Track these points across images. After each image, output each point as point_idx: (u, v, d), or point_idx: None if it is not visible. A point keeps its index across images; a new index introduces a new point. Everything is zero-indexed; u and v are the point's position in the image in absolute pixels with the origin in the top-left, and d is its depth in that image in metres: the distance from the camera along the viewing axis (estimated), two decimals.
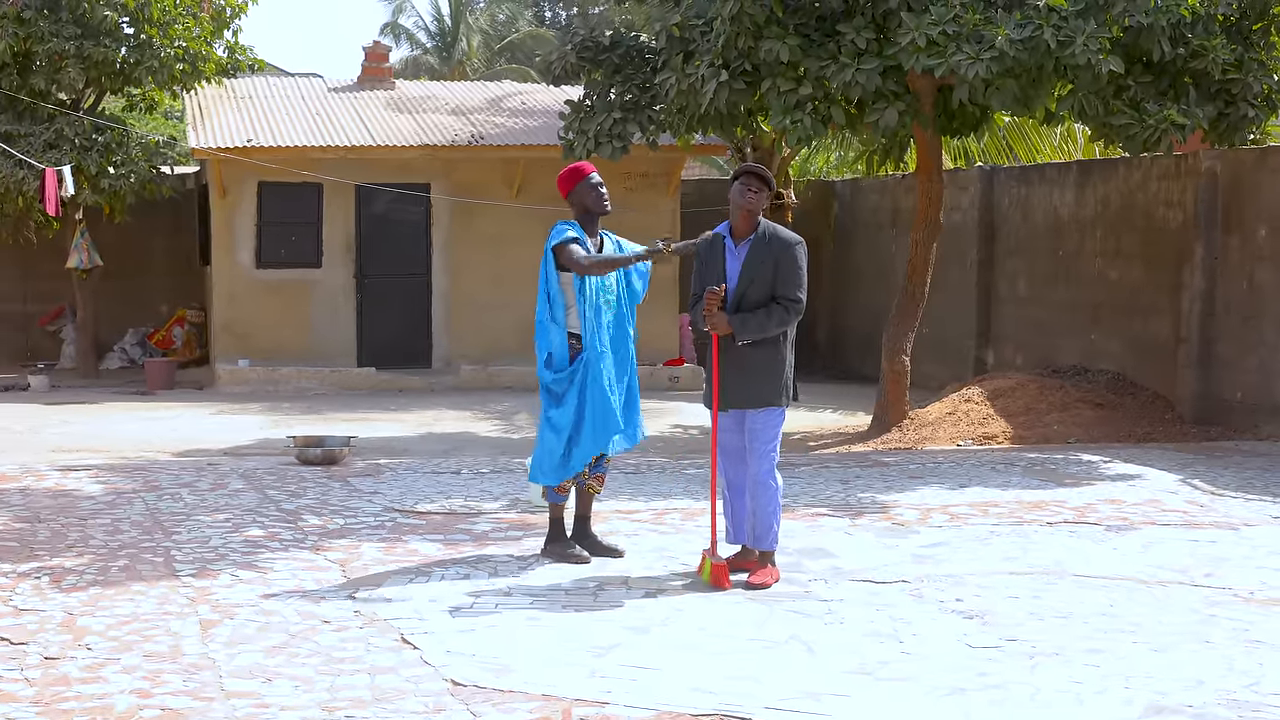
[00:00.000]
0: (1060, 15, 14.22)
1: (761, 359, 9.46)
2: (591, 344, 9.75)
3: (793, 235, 9.60)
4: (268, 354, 23.76)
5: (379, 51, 28.27)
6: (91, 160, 23.31)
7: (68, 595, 9.08)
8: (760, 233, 9.52)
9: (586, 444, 9.80)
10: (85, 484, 13.06)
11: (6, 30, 23.10)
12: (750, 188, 9.50)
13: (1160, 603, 9.10)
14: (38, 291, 26.70)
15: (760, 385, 9.47)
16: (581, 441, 9.79)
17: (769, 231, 9.53)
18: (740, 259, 9.48)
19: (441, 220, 24.40)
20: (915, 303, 17.39)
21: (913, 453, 15.73)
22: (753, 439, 9.53)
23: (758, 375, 9.46)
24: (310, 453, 14.44)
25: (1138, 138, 14.88)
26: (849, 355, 26.24)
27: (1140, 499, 12.61)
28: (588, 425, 9.77)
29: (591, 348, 9.75)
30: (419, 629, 8.36)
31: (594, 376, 9.75)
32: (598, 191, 9.95)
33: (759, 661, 7.81)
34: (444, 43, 56.98)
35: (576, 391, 9.77)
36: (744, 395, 9.50)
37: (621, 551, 10.16)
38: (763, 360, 9.46)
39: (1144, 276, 18.47)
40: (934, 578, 9.71)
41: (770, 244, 9.48)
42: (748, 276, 9.43)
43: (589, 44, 17.65)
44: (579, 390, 9.77)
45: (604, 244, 9.99)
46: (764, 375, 9.47)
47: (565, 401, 9.80)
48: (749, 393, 9.49)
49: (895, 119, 15.24)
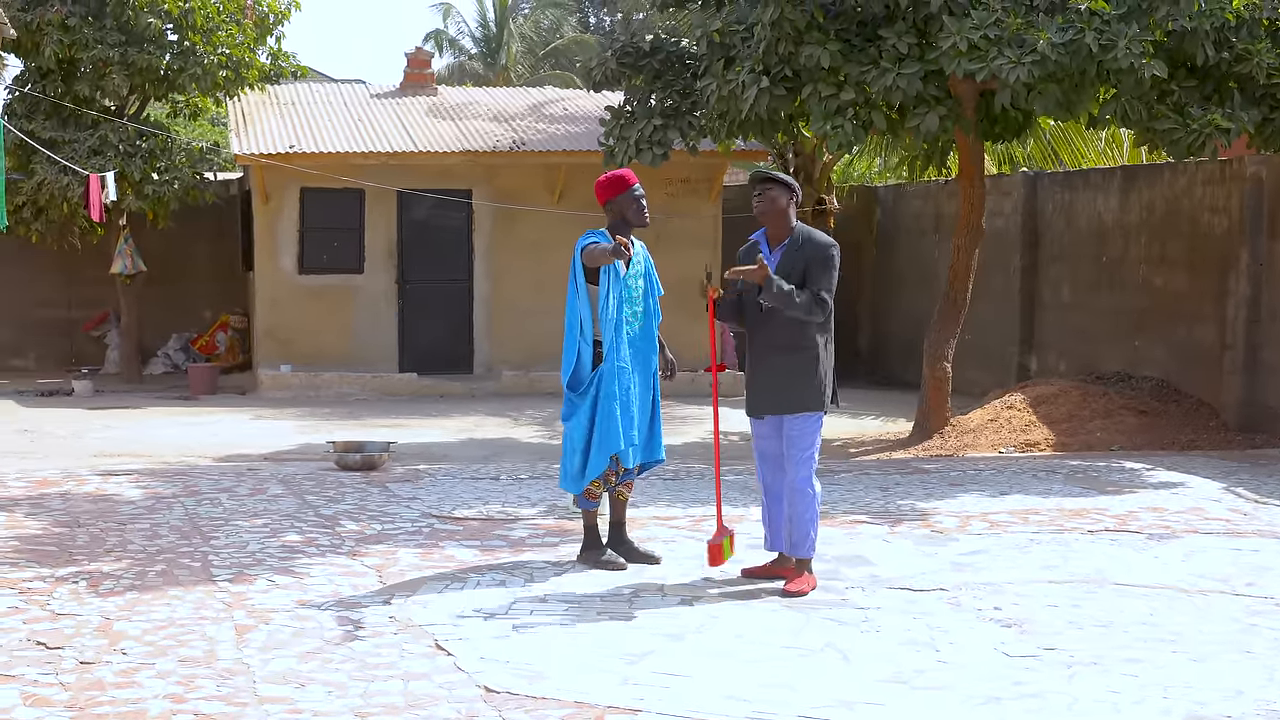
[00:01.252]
0: (1102, 19, 14.13)
1: (797, 363, 9.41)
2: (610, 356, 9.72)
3: (826, 239, 9.55)
4: (310, 359, 23.81)
5: (421, 58, 28.32)
6: (135, 166, 23.42)
7: (104, 600, 9.09)
8: (794, 236, 9.47)
9: (595, 455, 9.77)
10: (125, 488, 13.09)
11: (52, 37, 23.24)
12: (756, 194, 9.51)
13: (1201, 612, 9.03)
14: (82, 297, 26.83)
15: (796, 389, 9.42)
16: (593, 452, 9.78)
17: (803, 235, 9.48)
18: (774, 263, 9.43)
19: (483, 226, 24.42)
20: (957, 309, 17.32)
21: (954, 460, 15.65)
22: (790, 445, 9.48)
23: (793, 379, 9.41)
24: (350, 458, 14.44)
25: (1182, 142, 14.77)
26: (891, 361, 26.15)
27: (1183, 507, 12.52)
28: (596, 436, 9.75)
29: (609, 360, 9.71)
30: (453, 635, 8.33)
31: (607, 391, 9.71)
32: (639, 203, 9.84)
33: (794, 669, 7.77)
34: (488, 49, 57.08)
35: (590, 403, 9.75)
36: (779, 400, 9.45)
37: (658, 558, 10.12)
38: (799, 364, 9.41)
39: (1189, 283, 18.35)
40: (972, 586, 9.65)
41: (803, 247, 9.43)
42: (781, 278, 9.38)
43: (629, 50, 17.63)
44: (592, 401, 9.75)
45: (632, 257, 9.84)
46: (800, 379, 9.41)
47: (580, 412, 9.80)
48: (784, 397, 9.44)
49: (936, 124, 15.18)
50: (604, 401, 9.70)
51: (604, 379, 9.72)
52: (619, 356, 9.72)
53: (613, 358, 9.71)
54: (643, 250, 9.99)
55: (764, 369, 9.49)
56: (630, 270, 9.80)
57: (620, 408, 9.70)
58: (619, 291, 9.74)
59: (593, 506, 10.00)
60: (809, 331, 9.42)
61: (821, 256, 9.42)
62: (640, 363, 9.91)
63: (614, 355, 9.71)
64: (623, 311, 9.75)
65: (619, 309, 9.72)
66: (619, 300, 9.73)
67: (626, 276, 9.77)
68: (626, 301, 9.77)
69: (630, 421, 9.77)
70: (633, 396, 9.78)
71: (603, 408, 9.70)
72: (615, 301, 9.71)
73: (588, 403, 9.75)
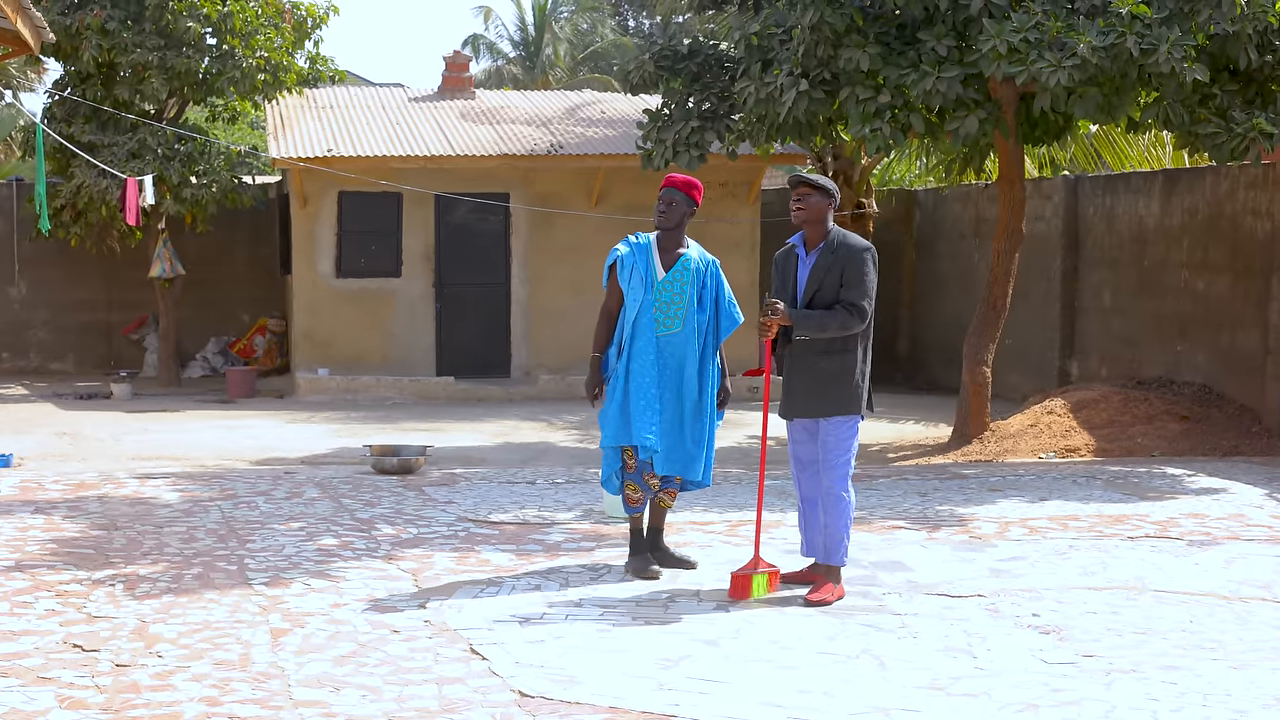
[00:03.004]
0: (1144, 23, 14.04)
1: (832, 367, 9.34)
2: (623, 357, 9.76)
3: (862, 242, 9.47)
4: (347, 363, 23.85)
5: (459, 61, 28.34)
6: (173, 170, 23.46)
7: (141, 603, 9.08)
8: (829, 240, 9.41)
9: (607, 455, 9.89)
10: (163, 492, 13.09)
11: (91, 41, 23.30)
12: (795, 199, 9.44)
13: (1241, 619, 8.95)
14: (121, 300, 26.90)
15: (831, 393, 9.34)
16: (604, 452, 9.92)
17: (838, 239, 9.41)
18: (809, 266, 9.39)
19: (520, 230, 24.42)
20: (997, 313, 17.23)
21: (993, 465, 15.57)
22: (825, 450, 9.41)
23: (828, 383, 9.33)
24: (386, 462, 14.43)
25: (1225, 147, 14.69)
26: (932, 366, 26.07)
27: (1224, 514, 12.42)
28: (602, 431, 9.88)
29: (621, 359, 9.75)
30: (488, 639, 8.30)
31: (611, 387, 9.75)
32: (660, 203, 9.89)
33: (830, 675, 7.72)
34: (528, 53, 57.18)
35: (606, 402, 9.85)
36: (814, 404, 9.39)
37: (693, 563, 10.07)
38: (833, 368, 9.34)
39: (1231, 287, 18.23)
40: (1010, 592, 9.59)
41: (838, 251, 9.36)
42: (815, 283, 9.33)
43: (667, 52, 17.61)
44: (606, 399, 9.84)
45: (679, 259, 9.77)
46: (834, 383, 9.33)
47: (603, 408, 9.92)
48: (819, 402, 9.37)
49: (976, 127, 15.11)
50: (607, 395, 9.78)
51: (617, 376, 9.74)
52: (632, 357, 9.68)
53: (624, 358, 9.71)
54: (698, 260, 9.84)
55: (800, 372, 9.42)
56: (670, 276, 9.69)
57: (625, 403, 9.66)
58: (646, 295, 9.67)
59: (634, 512, 9.92)
60: (848, 335, 9.37)
61: (857, 261, 9.33)
62: (672, 367, 9.74)
63: (626, 354, 9.71)
64: (650, 314, 9.67)
65: (641, 312, 9.67)
66: (641, 305, 9.67)
67: (662, 280, 9.67)
68: (662, 305, 9.68)
69: (644, 423, 9.62)
70: (653, 396, 9.65)
71: (611, 402, 9.75)
72: (635, 306, 9.67)
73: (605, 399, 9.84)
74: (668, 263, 9.71)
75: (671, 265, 9.70)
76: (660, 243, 9.77)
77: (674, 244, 9.73)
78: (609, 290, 9.82)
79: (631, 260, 9.69)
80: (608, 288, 9.83)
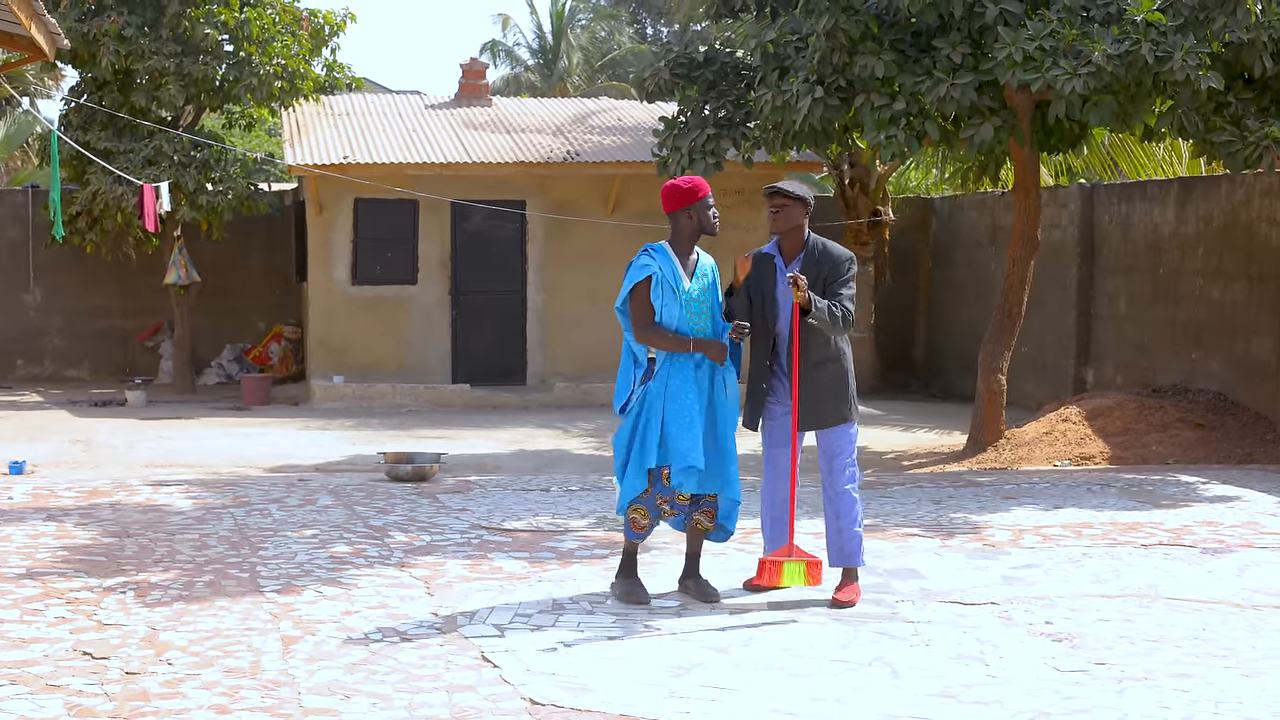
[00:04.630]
0: (1159, 30, 14.01)
1: (829, 378, 9.39)
2: (661, 372, 9.27)
3: (843, 251, 9.44)
4: (363, 370, 23.86)
5: (476, 69, 28.32)
6: (189, 177, 23.50)
7: (152, 610, 9.08)
8: (810, 249, 9.39)
9: (632, 473, 9.28)
10: (176, 499, 13.11)
11: (109, 48, 23.35)
12: (774, 208, 9.39)
13: (1254, 627, 8.92)
14: (136, 307, 26.92)
15: (832, 404, 9.40)
16: (630, 470, 9.29)
17: (819, 248, 9.39)
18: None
19: (536, 237, 24.41)
20: (1012, 321, 17.20)
21: (1007, 473, 15.53)
22: (832, 458, 9.46)
23: (828, 395, 9.38)
24: (400, 469, 14.44)
25: (1239, 155, 14.64)
26: (948, 374, 26.02)
27: (1238, 521, 12.39)
28: (635, 453, 9.28)
29: (659, 376, 9.27)
30: (499, 647, 8.30)
31: (651, 406, 9.22)
32: (713, 210, 9.42)
33: (841, 683, 7.70)
34: (545, 60, 57.22)
35: (633, 419, 9.28)
36: (817, 417, 9.41)
37: (718, 598, 9.52)
38: (830, 379, 9.39)
39: (1246, 295, 18.19)
40: (1023, 600, 9.57)
41: (820, 262, 9.34)
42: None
43: (683, 60, 17.59)
44: (635, 417, 9.28)
45: (696, 265, 9.45)
46: (833, 394, 9.40)
47: (622, 428, 9.35)
48: (822, 413, 9.40)
49: (991, 134, 15.08)
50: (647, 415, 9.22)
51: (650, 394, 9.25)
52: (672, 372, 9.24)
53: (663, 373, 9.25)
54: (710, 264, 9.56)
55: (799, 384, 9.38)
56: (694, 283, 9.37)
57: (669, 424, 9.17)
58: (678, 308, 9.27)
59: (636, 537, 9.44)
60: (836, 342, 9.39)
61: (841, 270, 9.34)
62: (708, 379, 9.35)
63: (665, 370, 9.25)
64: (687, 328, 9.29)
65: (678, 327, 9.26)
66: (677, 318, 9.26)
67: (689, 289, 9.33)
68: (692, 316, 9.32)
69: (691, 442, 9.15)
70: (696, 413, 9.21)
71: (643, 422, 9.23)
72: (671, 320, 9.25)
73: (630, 420, 9.29)
74: (689, 270, 9.45)
75: (692, 272, 9.44)
76: (676, 249, 9.42)
77: (687, 251, 9.57)
78: (642, 307, 9.24)
79: (661, 273, 9.28)
80: (638, 306, 9.26)
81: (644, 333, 9.24)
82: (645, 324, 9.24)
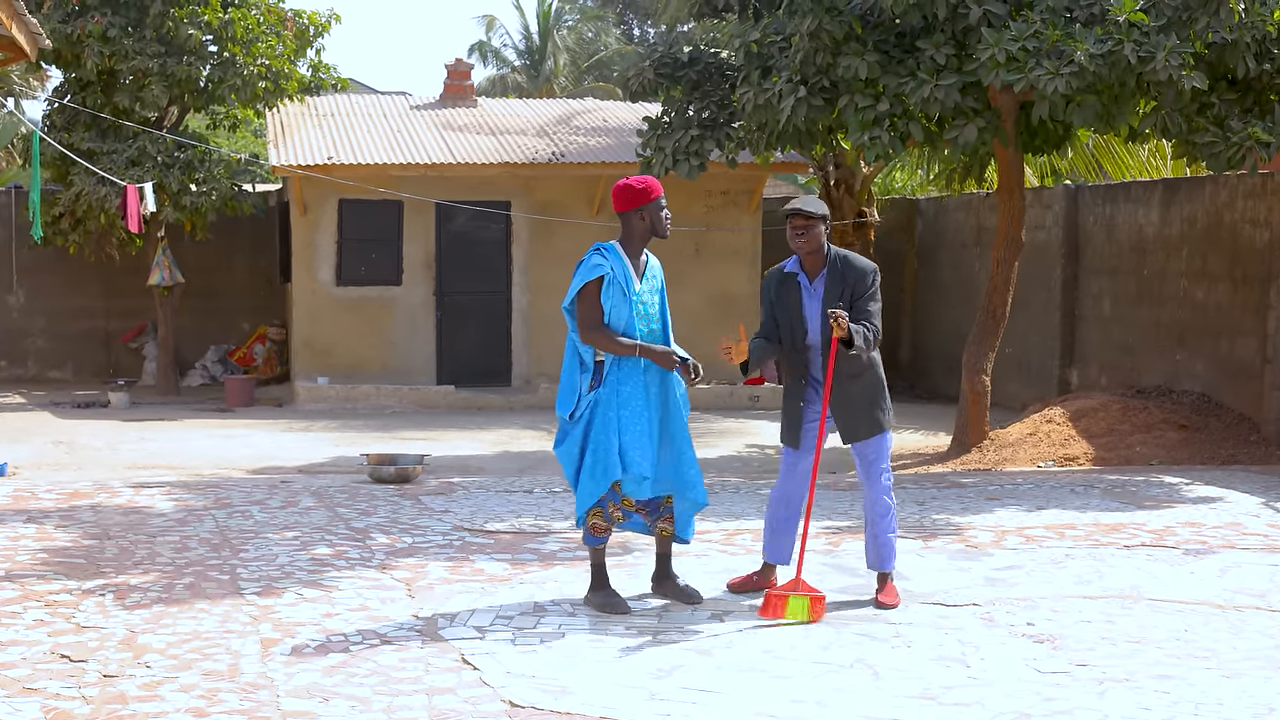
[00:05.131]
0: (1141, 31, 14.01)
1: (863, 388, 9.37)
2: (610, 378, 9.13)
3: (866, 263, 9.37)
4: (348, 371, 23.83)
5: (461, 69, 28.28)
6: (173, 178, 23.44)
7: (130, 613, 9.05)
8: (832, 262, 9.33)
9: (587, 482, 9.13)
10: (157, 501, 13.06)
11: (92, 48, 23.30)
12: (796, 230, 9.28)
13: (1235, 628, 8.92)
14: (120, 308, 26.85)
15: (868, 415, 9.39)
16: (584, 478, 9.15)
17: (841, 260, 9.32)
18: (818, 297, 9.31)
19: (521, 238, 24.39)
20: (996, 322, 17.19)
21: (991, 474, 15.52)
22: (868, 467, 9.47)
23: (864, 405, 9.37)
24: (384, 471, 14.40)
25: (1221, 155, 14.63)
26: (933, 375, 26.03)
27: (1221, 522, 12.39)
28: (589, 462, 9.13)
29: (609, 382, 9.13)
30: (480, 649, 8.27)
31: (604, 415, 9.07)
32: (665, 213, 9.27)
33: (823, 685, 7.69)
34: (532, 61, 57.20)
35: (583, 428, 9.12)
36: (854, 430, 9.41)
37: (700, 598, 9.51)
38: (865, 390, 9.37)
39: (1230, 296, 18.19)
40: (1005, 601, 9.56)
41: (845, 276, 9.28)
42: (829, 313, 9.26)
43: (667, 60, 17.58)
44: (585, 426, 9.12)
45: (646, 267, 9.32)
46: (869, 404, 9.39)
47: (570, 438, 9.19)
48: (859, 425, 9.39)
49: (975, 135, 15.08)
50: (602, 424, 9.06)
51: (601, 401, 9.10)
52: (622, 378, 9.12)
53: (613, 379, 9.12)
54: (659, 266, 9.46)
55: (834, 397, 9.38)
56: (644, 285, 9.26)
57: (623, 433, 9.05)
58: (628, 310, 9.13)
59: (596, 543, 9.30)
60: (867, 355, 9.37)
61: (866, 284, 9.29)
62: (658, 382, 9.27)
63: (614, 376, 9.12)
64: (635, 331, 9.16)
65: (627, 329, 9.14)
66: (626, 320, 9.13)
67: (639, 292, 9.21)
68: (641, 319, 9.19)
69: (642, 452, 9.05)
70: (646, 419, 9.11)
71: (596, 432, 9.07)
72: (620, 322, 9.12)
73: (579, 428, 9.13)
74: (639, 271, 9.28)
75: (642, 273, 9.29)
76: (627, 250, 9.26)
77: (638, 252, 9.32)
78: (590, 308, 9.09)
79: (613, 273, 9.15)
80: (586, 306, 9.10)
81: (590, 334, 9.10)
82: (592, 325, 9.09)
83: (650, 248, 9.38)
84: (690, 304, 23.33)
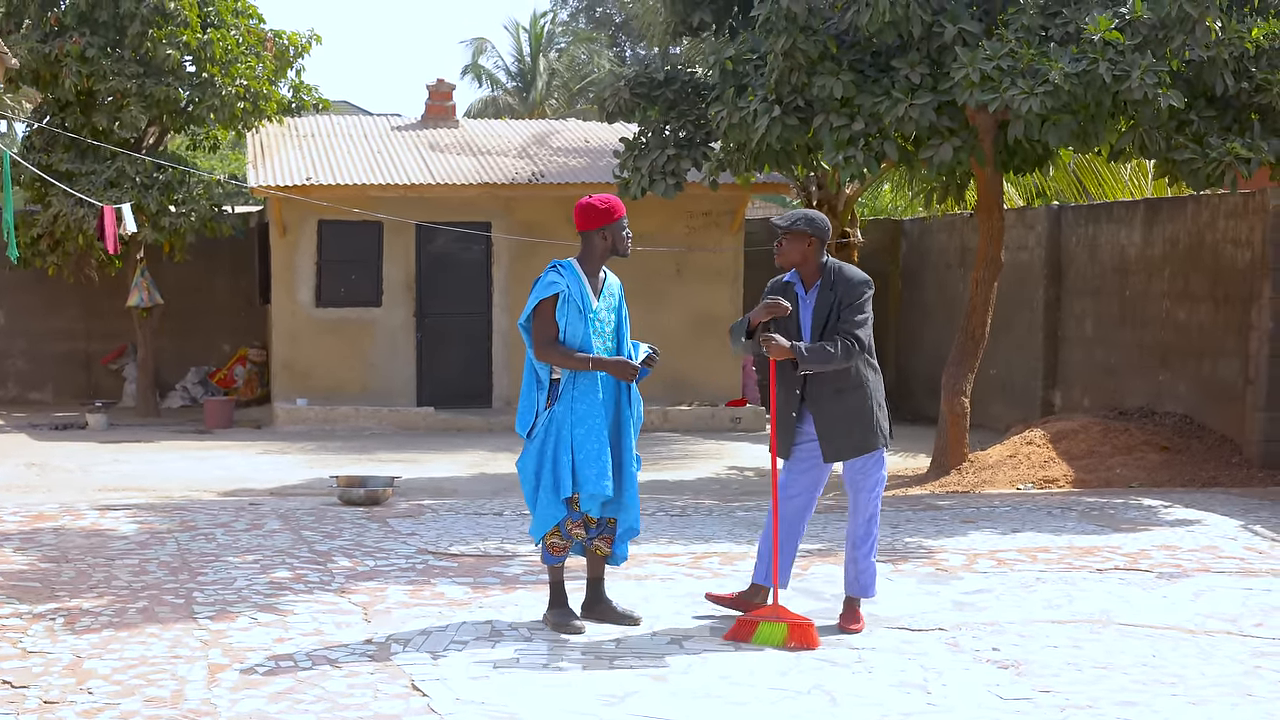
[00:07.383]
0: (1116, 49, 13.88)
1: (851, 405, 9.18)
2: (565, 395, 9.05)
3: (859, 274, 9.25)
4: (327, 393, 23.68)
5: (442, 90, 28.18)
6: (152, 199, 23.30)
7: (79, 637, 8.88)
8: (826, 275, 9.24)
9: (546, 502, 9.02)
10: (121, 524, 12.88)
11: (70, 69, 23.18)
12: (775, 243, 9.31)
13: (1205, 653, 8.76)
14: (100, 330, 26.75)
15: (856, 432, 9.19)
16: (542, 498, 9.03)
17: (834, 272, 9.23)
18: (810, 306, 9.23)
19: (502, 259, 24.26)
20: (975, 343, 17.05)
21: (969, 496, 15.37)
22: (857, 487, 9.32)
23: (851, 423, 9.18)
24: (353, 493, 14.23)
25: (1200, 172, 14.52)
26: (917, 396, 25.88)
27: (1196, 545, 12.22)
28: (549, 480, 9.01)
29: (564, 399, 9.06)
30: (430, 675, 8.11)
31: (560, 432, 8.99)
32: (627, 232, 9.23)
33: (779, 712, 7.54)
34: (524, 83, 57.13)
35: (539, 444, 9.04)
36: (841, 446, 9.22)
37: (637, 619, 9.38)
38: (853, 406, 9.18)
39: (1212, 317, 18.05)
40: (972, 625, 9.40)
41: (835, 287, 9.18)
42: (819, 323, 9.16)
43: (643, 80, 17.47)
44: (540, 444, 9.03)
45: (604, 284, 9.24)
46: (856, 421, 9.18)
47: (527, 454, 9.10)
48: (845, 442, 9.21)
49: (950, 155, 14.95)
50: (556, 441, 8.99)
51: (556, 418, 9.03)
52: (577, 396, 9.04)
53: (568, 396, 9.05)
54: (617, 283, 9.39)
55: (819, 414, 9.24)
56: (601, 302, 9.19)
57: (578, 450, 8.96)
58: (584, 327, 9.07)
59: (554, 561, 9.21)
60: (857, 369, 9.19)
61: (852, 295, 9.14)
62: (613, 402, 9.20)
63: (569, 394, 9.05)
64: (590, 347, 9.08)
65: (583, 345, 9.06)
66: (582, 337, 9.06)
67: (596, 309, 9.14)
68: (597, 335, 9.13)
69: (600, 469, 8.95)
70: (604, 437, 9.02)
71: (552, 449, 8.99)
72: (576, 339, 9.05)
73: (535, 446, 9.04)
74: (596, 289, 9.23)
75: (599, 291, 9.23)
76: (585, 268, 9.20)
77: (596, 271, 9.25)
78: (545, 324, 9.03)
79: (569, 291, 9.08)
80: (541, 323, 9.05)
81: (545, 350, 9.03)
82: (547, 342, 9.03)
83: (618, 265, 9.30)
84: (671, 324, 23.21)
